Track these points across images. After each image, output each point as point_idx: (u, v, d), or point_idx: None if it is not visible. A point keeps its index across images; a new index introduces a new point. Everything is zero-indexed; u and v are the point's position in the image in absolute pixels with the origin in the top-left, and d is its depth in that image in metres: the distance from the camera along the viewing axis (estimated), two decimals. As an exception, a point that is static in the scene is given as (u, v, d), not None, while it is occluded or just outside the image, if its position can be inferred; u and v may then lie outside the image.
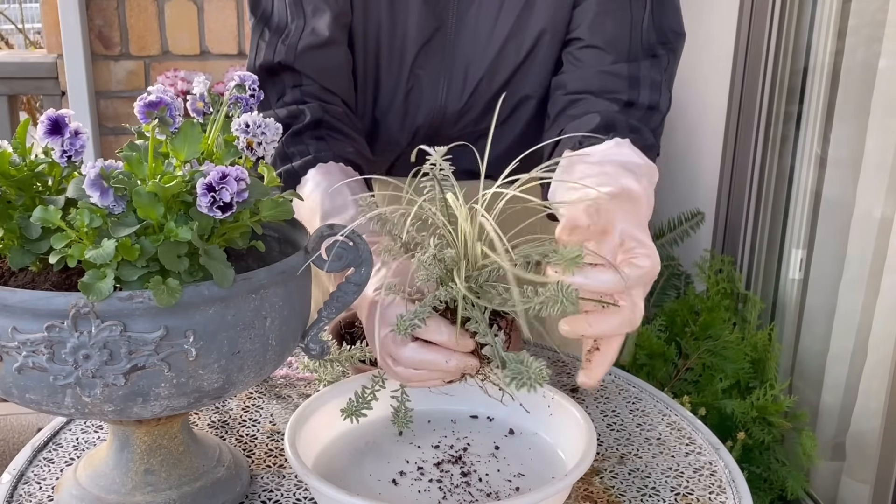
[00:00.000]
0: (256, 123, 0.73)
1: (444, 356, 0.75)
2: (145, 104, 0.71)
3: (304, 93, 1.05)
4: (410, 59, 1.07)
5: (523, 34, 1.05)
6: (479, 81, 1.08)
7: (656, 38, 1.04)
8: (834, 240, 1.97)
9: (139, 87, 2.48)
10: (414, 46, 1.06)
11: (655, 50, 1.04)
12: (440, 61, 1.07)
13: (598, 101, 1.01)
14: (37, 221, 0.65)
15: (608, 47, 1.03)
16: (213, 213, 0.64)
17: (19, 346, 0.63)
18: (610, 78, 1.01)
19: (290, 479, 0.84)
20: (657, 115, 1.02)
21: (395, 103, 1.11)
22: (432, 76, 1.08)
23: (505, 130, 1.12)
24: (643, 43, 1.03)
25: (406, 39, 1.06)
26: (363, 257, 0.76)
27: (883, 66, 1.79)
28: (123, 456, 0.76)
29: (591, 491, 0.83)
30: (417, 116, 1.10)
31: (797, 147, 2.09)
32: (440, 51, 1.07)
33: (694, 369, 2.01)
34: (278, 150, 1.02)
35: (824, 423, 2.00)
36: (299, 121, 1.02)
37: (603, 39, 1.03)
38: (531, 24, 1.05)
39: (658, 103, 1.02)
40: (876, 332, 1.80)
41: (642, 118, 1.00)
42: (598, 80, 1.02)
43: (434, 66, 1.08)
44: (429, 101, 1.09)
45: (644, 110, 1.01)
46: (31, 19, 4.04)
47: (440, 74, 1.08)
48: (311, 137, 1.02)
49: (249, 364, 0.70)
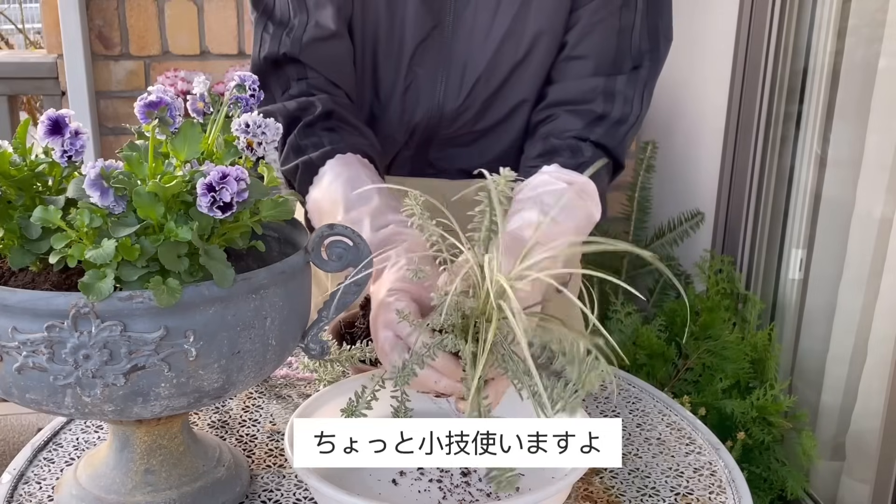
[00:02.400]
0: (256, 123, 0.73)
1: (435, 377, 0.76)
2: (145, 104, 0.71)
3: (311, 85, 1.05)
4: (408, 55, 1.07)
5: (520, 35, 1.06)
6: (476, 81, 1.08)
7: (648, 44, 1.06)
8: (834, 240, 1.97)
9: (139, 87, 2.48)
10: (411, 43, 1.06)
11: (642, 59, 1.06)
12: (438, 59, 1.07)
13: (568, 116, 1.05)
14: (37, 221, 0.65)
15: (592, 57, 1.05)
16: (213, 213, 0.64)
17: (19, 346, 0.63)
18: (587, 91, 1.05)
19: (290, 479, 0.84)
20: (623, 128, 1.06)
21: (393, 100, 1.11)
22: (430, 74, 1.08)
23: (502, 132, 1.12)
24: (632, 51, 1.06)
25: (403, 36, 1.06)
26: (363, 257, 0.76)
27: (883, 66, 1.79)
28: (123, 456, 0.76)
29: (591, 491, 0.83)
30: (415, 114, 1.10)
31: (797, 147, 2.09)
32: (438, 49, 1.07)
33: (694, 369, 2.01)
34: (291, 142, 1.02)
35: (824, 423, 2.00)
36: (310, 112, 1.02)
37: (589, 49, 1.05)
38: (528, 25, 1.05)
39: (628, 116, 1.06)
40: (876, 332, 1.80)
41: (606, 132, 1.05)
42: (576, 92, 1.06)
43: (432, 64, 1.08)
44: (426, 100, 1.10)
45: (611, 124, 1.05)
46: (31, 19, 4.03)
47: (438, 73, 1.08)
48: (324, 129, 1.02)
49: (249, 364, 0.70)
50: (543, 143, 1.05)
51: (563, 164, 1.00)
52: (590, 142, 1.04)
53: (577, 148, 1.03)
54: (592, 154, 1.03)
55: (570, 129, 1.05)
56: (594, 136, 1.04)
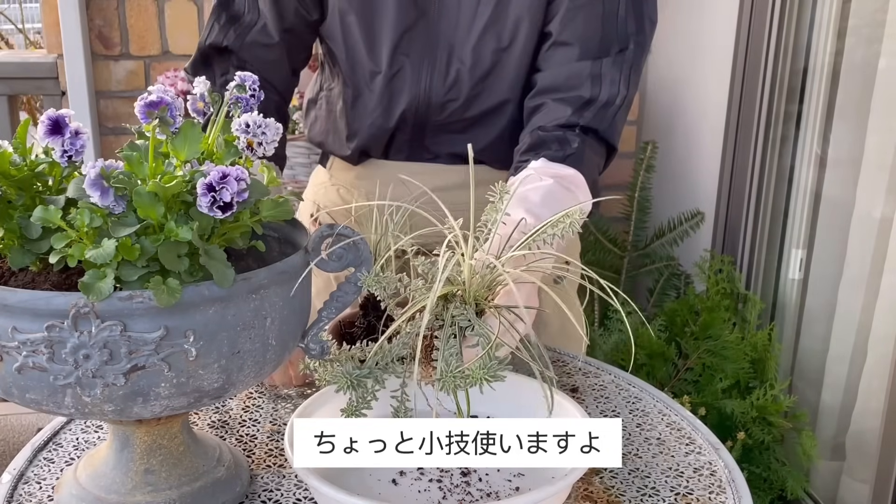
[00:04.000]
0: (256, 123, 0.73)
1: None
2: (146, 104, 0.71)
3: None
4: (393, 44, 1.09)
5: (503, 22, 1.08)
6: (461, 69, 1.10)
7: (634, 27, 1.08)
8: (834, 240, 1.97)
9: (139, 87, 2.48)
10: (396, 31, 1.09)
11: (628, 42, 1.08)
12: (424, 48, 1.09)
13: (556, 105, 1.07)
14: (37, 221, 0.65)
15: (577, 43, 1.07)
16: (213, 213, 0.64)
17: (19, 346, 0.63)
18: (573, 77, 1.07)
19: (290, 479, 0.84)
20: (611, 109, 1.07)
21: (379, 87, 1.12)
22: (416, 62, 1.11)
23: (494, 119, 1.14)
24: (618, 34, 1.07)
25: (388, 24, 1.09)
26: (363, 257, 0.76)
27: (883, 66, 1.79)
28: (123, 456, 0.76)
29: (591, 491, 0.83)
30: (402, 101, 1.13)
31: (797, 147, 2.09)
32: (424, 37, 1.09)
33: (694, 369, 2.01)
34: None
35: (824, 423, 2.00)
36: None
37: (572, 35, 1.07)
38: (510, 12, 1.08)
39: (615, 97, 1.07)
40: (876, 332, 1.80)
41: (595, 115, 1.06)
42: (563, 78, 1.07)
43: (418, 52, 1.10)
44: (413, 87, 1.12)
45: (599, 107, 1.06)
46: (31, 19, 4.03)
47: (423, 61, 1.10)
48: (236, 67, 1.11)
49: (249, 364, 0.70)
50: (531, 136, 1.06)
51: (550, 157, 1.02)
52: (579, 127, 1.05)
53: (564, 139, 1.04)
54: (580, 143, 1.04)
55: (558, 118, 1.06)
56: (583, 121, 1.05)
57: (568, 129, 1.05)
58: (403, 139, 1.17)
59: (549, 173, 0.99)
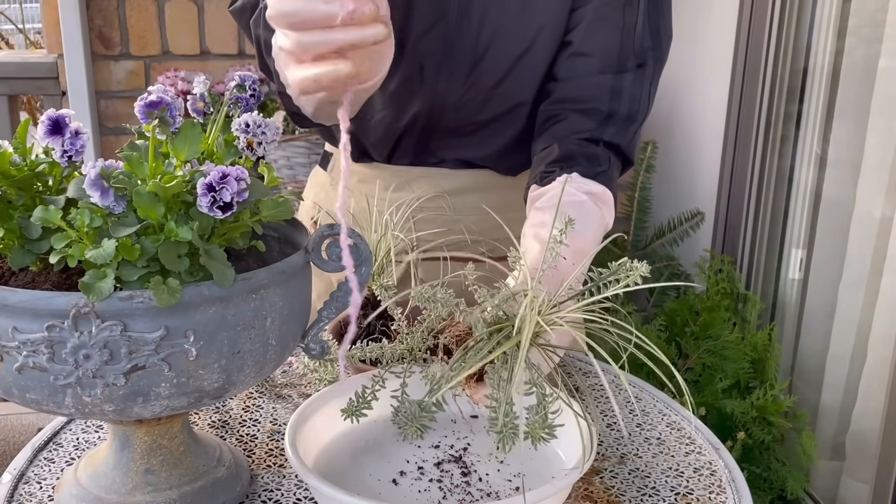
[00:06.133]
0: (256, 123, 0.73)
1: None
2: (146, 104, 0.71)
3: None
4: (411, 46, 1.08)
5: (524, 29, 1.06)
6: (479, 72, 1.08)
7: (650, 42, 1.07)
8: (834, 240, 1.97)
9: (139, 87, 2.48)
10: (415, 34, 1.07)
11: (646, 57, 1.07)
12: (441, 51, 1.08)
13: (578, 116, 1.06)
14: (37, 221, 0.65)
15: (597, 54, 1.06)
16: (213, 213, 0.64)
17: (19, 346, 0.63)
18: (593, 89, 1.06)
19: (291, 478, 0.84)
20: (634, 126, 1.08)
21: (395, 88, 1.11)
22: (434, 65, 1.09)
23: (504, 125, 1.13)
24: (635, 49, 1.06)
25: (407, 27, 1.07)
26: (363, 257, 0.76)
27: (883, 66, 1.79)
28: (124, 456, 0.76)
29: (591, 491, 0.83)
30: (416, 103, 1.11)
31: (797, 147, 2.09)
32: (442, 40, 1.07)
33: (694, 369, 2.01)
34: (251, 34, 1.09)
35: (824, 423, 2.00)
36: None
37: (594, 47, 1.06)
38: (532, 19, 1.06)
39: (636, 114, 1.07)
40: (876, 332, 1.80)
41: (618, 131, 1.06)
42: (583, 90, 1.07)
43: (436, 54, 1.08)
44: (429, 89, 1.10)
45: (621, 123, 1.06)
46: (31, 19, 4.03)
47: (441, 63, 1.09)
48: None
49: (250, 364, 0.70)
50: (560, 147, 1.05)
51: (582, 172, 1.01)
52: (602, 142, 1.05)
53: (594, 156, 1.04)
54: (609, 162, 1.04)
55: (582, 131, 1.05)
56: (607, 136, 1.05)
57: (593, 144, 1.05)
58: (409, 143, 1.16)
59: (581, 189, 0.99)
